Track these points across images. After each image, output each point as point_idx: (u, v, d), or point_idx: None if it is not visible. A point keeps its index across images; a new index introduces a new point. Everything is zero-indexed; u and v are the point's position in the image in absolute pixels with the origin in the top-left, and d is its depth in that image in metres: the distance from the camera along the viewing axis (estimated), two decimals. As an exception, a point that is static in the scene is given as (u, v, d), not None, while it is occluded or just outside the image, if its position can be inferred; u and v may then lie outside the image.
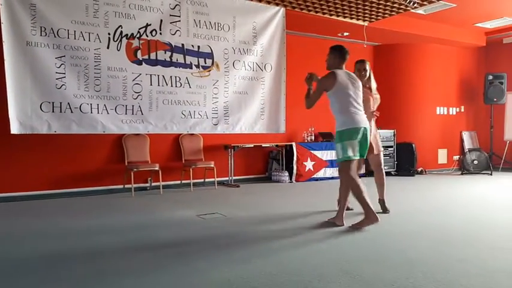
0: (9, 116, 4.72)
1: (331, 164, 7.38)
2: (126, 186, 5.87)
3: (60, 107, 5.03)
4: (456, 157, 9.00)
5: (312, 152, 7.22)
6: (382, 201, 4.51)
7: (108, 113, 5.29)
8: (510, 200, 5.38)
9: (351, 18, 7.03)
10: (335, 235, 3.53)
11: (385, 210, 4.44)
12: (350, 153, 3.68)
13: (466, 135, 9.14)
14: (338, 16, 6.90)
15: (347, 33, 7.77)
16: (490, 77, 8.54)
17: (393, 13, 6.89)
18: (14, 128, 4.77)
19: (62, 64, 5.01)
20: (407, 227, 3.85)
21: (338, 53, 3.92)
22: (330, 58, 3.96)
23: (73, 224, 4.06)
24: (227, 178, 6.82)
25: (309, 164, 7.16)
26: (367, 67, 4.54)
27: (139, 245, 3.29)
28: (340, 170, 3.84)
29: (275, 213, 4.45)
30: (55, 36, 4.95)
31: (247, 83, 6.24)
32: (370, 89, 4.48)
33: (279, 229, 3.76)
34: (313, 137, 7.60)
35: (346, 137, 3.70)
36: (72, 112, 5.09)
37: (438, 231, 3.66)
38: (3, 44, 4.68)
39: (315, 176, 7.23)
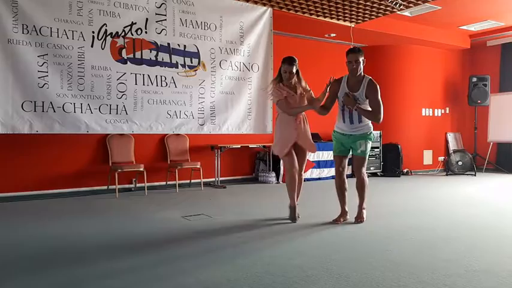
0: (-10, 116, 4.61)
1: (317, 164, 7.39)
2: (110, 187, 5.78)
3: (43, 106, 4.93)
4: (441, 158, 9.10)
5: (299, 152, 7.20)
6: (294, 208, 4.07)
7: (92, 113, 5.20)
8: (494, 200, 5.44)
9: (338, 19, 7.06)
10: (320, 235, 3.52)
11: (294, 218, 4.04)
12: None
13: (450, 137, 9.25)
14: (325, 17, 6.92)
15: (334, 34, 7.80)
16: (474, 79, 8.66)
17: (380, 14, 6.93)
18: (-5, 128, 4.66)
19: (44, 63, 4.90)
20: (393, 227, 3.86)
21: None
22: (363, 62, 3.91)
23: (53, 226, 3.97)
24: (213, 179, 6.77)
25: (295, 165, 7.14)
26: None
27: (121, 246, 3.23)
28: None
29: (261, 214, 4.41)
30: (37, 34, 4.84)
31: (234, 83, 6.20)
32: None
33: (265, 230, 3.73)
34: (300, 138, 7.58)
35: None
36: (54, 111, 4.99)
37: (423, 232, 3.67)
38: (-16, 41, 4.57)
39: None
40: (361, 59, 3.86)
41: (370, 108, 3.92)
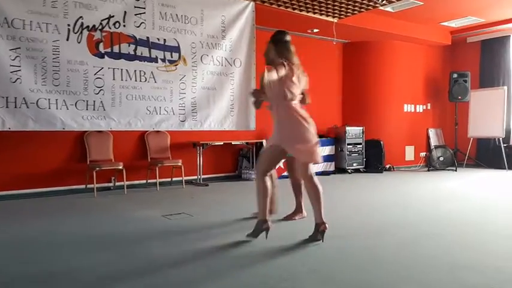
0: (-42, 112, 4.39)
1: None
2: (89, 186, 5.60)
3: (15, 102, 4.71)
4: (423, 154, 9.17)
5: (282, 149, 7.14)
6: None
7: (67, 109, 5.01)
8: (475, 195, 5.48)
9: (321, 14, 7.00)
10: (301, 234, 3.44)
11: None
12: None
13: (432, 132, 9.33)
14: (308, 12, 6.85)
15: (317, 30, 7.74)
16: (455, 75, 8.74)
17: (362, 10, 6.90)
18: (-37, 125, 4.45)
19: (17, 56, 4.69)
20: (375, 224, 3.82)
21: None
22: None
23: (26, 227, 3.80)
24: (196, 177, 6.64)
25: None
26: None
27: (97, 246, 3.10)
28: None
29: (243, 212, 4.32)
30: (9, 27, 4.62)
31: (216, 78, 6.08)
32: None
33: (247, 228, 3.64)
34: (283, 134, 7.51)
35: None
36: (28, 108, 4.78)
37: (405, 228, 3.64)
38: (-49, 33, 4.34)
39: (285, 173, 7.13)
40: None
41: None
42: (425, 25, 8.28)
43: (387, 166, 8.34)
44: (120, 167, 5.61)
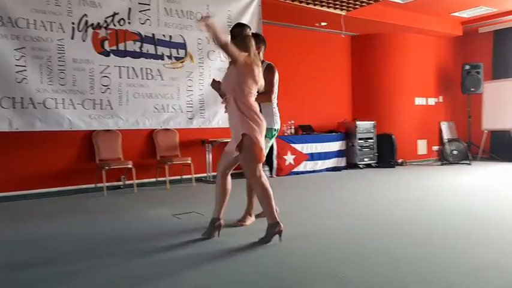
0: (-35, 114, 4.37)
1: (311, 157, 7.23)
2: (98, 185, 5.56)
3: (22, 102, 4.69)
4: (435, 147, 9.00)
5: (292, 145, 7.05)
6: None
7: (75, 108, 4.97)
8: (491, 189, 5.33)
9: (328, 7, 6.87)
10: (313, 234, 3.34)
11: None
12: None
13: (444, 126, 9.14)
14: (315, 5, 6.72)
15: (325, 23, 7.61)
16: (467, 67, 8.55)
17: (371, 2, 6.76)
18: (-29, 126, 4.42)
19: (22, 56, 4.66)
20: (390, 221, 3.70)
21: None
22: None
23: (41, 227, 3.76)
24: (205, 174, 6.57)
25: (289, 158, 6.99)
26: None
27: (107, 248, 3.03)
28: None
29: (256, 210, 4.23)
30: (13, 26, 4.60)
31: (223, 74, 5.97)
32: None
33: (259, 228, 3.55)
34: (293, 130, 7.43)
35: None
36: (35, 108, 4.76)
37: (422, 225, 3.52)
38: (-44, 34, 4.31)
39: (295, 169, 7.06)
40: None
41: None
42: (435, 16, 8.10)
43: (399, 161, 8.19)
44: (130, 166, 5.56)
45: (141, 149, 6.14)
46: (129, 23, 5.23)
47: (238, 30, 3.20)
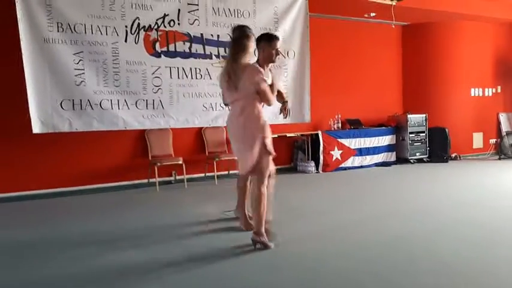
0: (31, 116, 4.67)
1: (359, 152, 7.10)
2: (151, 180, 5.80)
3: (81, 104, 4.95)
4: (493, 141, 8.53)
5: (339, 140, 6.95)
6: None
7: (128, 109, 5.19)
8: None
9: (378, -3, 6.65)
10: (371, 236, 3.31)
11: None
12: None
13: (503, 117, 8.64)
14: (364, -4, 6.53)
15: (374, 14, 7.38)
16: (529, 54, 7.99)
17: (423, -10, 6.46)
18: (36, 128, 4.73)
19: (80, 60, 4.91)
20: (442, 223, 3.57)
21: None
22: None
23: (100, 220, 4.00)
24: (252, 169, 6.64)
25: (336, 153, 6.90)
26: None
27: (163, 247, 3.17)
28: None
29: (304, 208, 4.24)
30: (72, 32, 4.84)
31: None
32: None
33: (312, 228, 3.56)
34: (340, 125, 7.31)
35: None
36: (92, 109, 5.01)
37: (478, 228, 3.37)
38: (21, 41, 4.59)
39: (342, 165, 6.97)
40: None
41: None
42: (492, 1, 7.61)
43: (453, 155, 7.86)
44: (180, 162, 5.74)
45: (190, 146, 6.31)
46: (178, 24, 5.35)
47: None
